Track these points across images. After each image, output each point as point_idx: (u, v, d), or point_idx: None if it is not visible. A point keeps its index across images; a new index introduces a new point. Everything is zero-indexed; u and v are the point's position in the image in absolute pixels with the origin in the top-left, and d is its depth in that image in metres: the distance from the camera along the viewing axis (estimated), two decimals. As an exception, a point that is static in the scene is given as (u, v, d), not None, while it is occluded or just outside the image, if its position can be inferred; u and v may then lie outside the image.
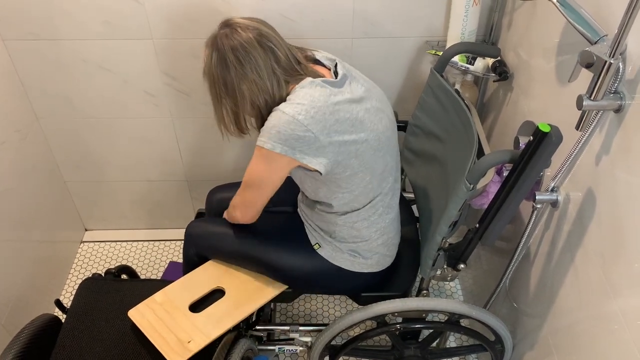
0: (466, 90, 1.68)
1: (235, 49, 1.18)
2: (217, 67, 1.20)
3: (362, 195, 1.30)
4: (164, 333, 1.35)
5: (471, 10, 1.52)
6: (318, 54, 1.32)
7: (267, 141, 1.17)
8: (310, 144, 1.16)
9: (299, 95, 1.18)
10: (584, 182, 1.12)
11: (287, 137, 1.15)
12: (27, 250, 1.84)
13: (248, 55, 1.18)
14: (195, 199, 2.16)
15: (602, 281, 1.06)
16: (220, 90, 1.23)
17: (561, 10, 1.08)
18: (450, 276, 1.41)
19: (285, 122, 1.15)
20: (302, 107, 1.15)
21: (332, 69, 1.28)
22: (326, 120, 1.16)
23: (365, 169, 1.25)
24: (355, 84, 1.26)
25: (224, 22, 1.23)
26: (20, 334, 1.38)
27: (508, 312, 1.53)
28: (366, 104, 1.24)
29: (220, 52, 1.19)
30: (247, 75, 1.19)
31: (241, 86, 1.20)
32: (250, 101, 1.22)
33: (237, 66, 1.19)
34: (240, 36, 1.19)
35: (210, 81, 1.24)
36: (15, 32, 1.65)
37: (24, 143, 1.80)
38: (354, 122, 1.20)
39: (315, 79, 1.20)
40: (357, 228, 1.35)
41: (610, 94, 0.97)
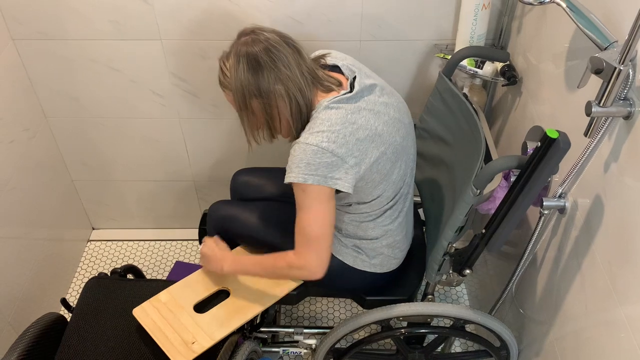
0: (474, 94, 1.67)
1: (267, 50, 1.17)
2: (247, 73, 1.18)
3: (376, 203, 1.30)
4: (168, 333, 1.35)
5: (480, 13, 1.51)
6: (339, 61, 1.31)
7: (298, 175, 1.16)
8: (339, 167, 1.17)
9: (316, 123, 1.18)
10: (592, 189, 1.11)
11: (316, 167, 1.15)
12: (34, 249, 1.85)
13: (279, 52, 1.18)
14: (201, 199, 2.17)
15: (609, 288, 1.05)
16: (251, 97, 1.20)
17: (571, 15, 1.07)
18: (456, 281, 1.41)
19: (311, 153, 1.15)
20: (323, 135, 1.16)
21: (349, 79, 1.26)
22: (347, 142, 1.17)
23: (384, 180, 1.26)
24: (373, 95, 1.25)
25: (242, 32, 1.22)
26: (26, 332, 1.39)
27: (514, 318, 1.53)
28: (384, 117, 1.24)
29: (249, 56, 1.17)
30: (282, 72, 1.18)
31: (276, 85, 1.18)
32: (287, 99, 1.20)
33: (270, 65, 1.17)
34: (266, 38, 1.19)
35: (237, 91, 1.21)
36: (25, 31, 1.66)
37: (32, 142, 1.81)
38: (374, 137, 1.21)
39: (330, 99, 1.20)
40: (363, 228, 1.35)
41: (619, 101, 0.96)
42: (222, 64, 1.23)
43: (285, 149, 1.96)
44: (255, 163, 1.97)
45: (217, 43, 1.68)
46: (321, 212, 1.20)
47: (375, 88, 1.26)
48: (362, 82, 1.24)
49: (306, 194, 1.18)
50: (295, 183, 1.18)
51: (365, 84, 1.24)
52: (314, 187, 1.17)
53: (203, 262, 1.43)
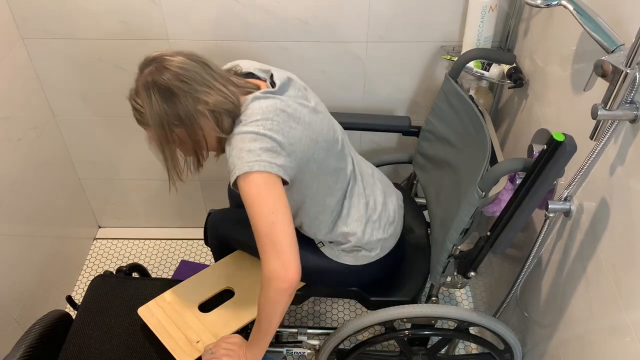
0: (481, 97, 1.67)
1: (176, 75, 1.11)
2: (163, 104, 1.12)
3: (328, 197, 1.29)
4: (173, 332, 1.35)
5: (487, 16, 1.51)
6: (251, 67, 1.29)
7: (242, 166, 1.09)
8: (279, 154, 1.13)
9: (247, 115, 1.14)
10: (597, 192, 1.11)
11: (259, 153, 1.10)
12: (40, 246, 1.86)
13: (189, 72, 1.12)
14: (207, 198, 2.18)
15: (614, 292, 1.04)
16: (171, 128, 1.14)
17: (578, 18, 1.07)
18: (460, 284, 1.40)
19: (249, 141, 1.11)
20: (258, 123, 1.12)
21: (267, 79, 1.25)
22: (282, 129, 1.14)
23: (321, 168, 1.24)
24: (293, 88, 1.23)
25: (144, 63, 1.16)
26: (32, 329, 1.40)
27: (518, 321, 1.52)
28: (308, 107, 1.23)
29: (160, 86, 1.11)
30: (198, 91, 1.12)
31: (197, 107, 1.12)
32: (211, 116, 1.14)
33: (184, 89, 1.11)
34: (171, 63, 1.13)
35: (156, 125, 1.14)
36: (34, 30, 1.67)
37: (40, 140, 1.83)
38: (305, 126, 1.19)
39: (255, 93, 1.17)
40: (340, 231, 1.34)
41: (626, 104, 0.96)
42: (134, 102, 1.17)
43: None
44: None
45: (224, 43, 1.69)
46: (268, 200, 1.10)
47: (292, 80, 1.25)
48: (280, 77, 1.22)
49: (252, 186, 1.10)
50: (240, 178, 1.10)
51: (283, 77, 1.22)
52: (258, 175, 1.10)
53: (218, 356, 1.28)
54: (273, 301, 1.14)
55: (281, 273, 1.10)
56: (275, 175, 1.11)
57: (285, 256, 1.10)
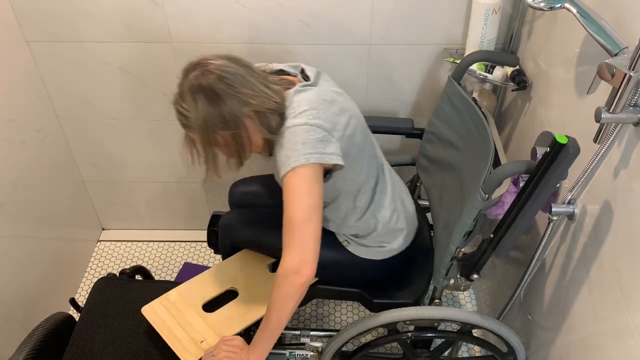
0: (484, 99, 1.67)
1: (220, 77, 1.14)
2: (209, 107, 1.15)
3: (364, 184, 1.31)
4: (177, 332, 1.35)
5: (491, 18, 1.51)
6: (280, 65, 1.33)
7: (298, 158, 1.13)
8: (330, 142, 1.17)
9: (294, 107, 1.18)
10: (601, 195, 1.10)
11: (314, 144, 1.14)
12: (44, 248, 1.86)
13: (233, 75, 1.15)
14: (210, 200, 2.18)
15: (617, 296, 1.04)
16: (216, 130, 1.17)
17: (581, 21, 1.07)
18: (463, 286, 1.40)
19: (302, 132, 1.15)
20: (306, 113, 1.16)
21: (298, 74, 1.30)
22: (328, 117, 1.19)
23: (359, 154, 1.28)
24: (323, 80, 1.29)
25: (188, 68, 1.19)
26: (35, 331, 1.40)
27: (522, 324, 1.52)
28: (342, 95, 1.29)
29: (205, 89, 1.14)
30: (243, 93, 1.16)
31: (242, 109, 1.16)
32: (256, 118, 1.18)
33: (230, 92, 1.14)
34: (215, 66, 1.16)
35: (201, 128, 1.17)
36: (38, 33, 1.68)
37: (44, 142, 1.83)
38: (343, 111, 1.24)
39: (296, 87, 1.22)
40: (368, 218, 1.36)
41: (629, 107, 0.95)
42: (179, 107, 1.19)
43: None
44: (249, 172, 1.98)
45: (227, 46, 1.69)
46: (311, 193, 1.14)
47: (321, 74, 1.31)
48: (311, 70, 1.29)
49: (300, 178, 1.13)
50: (290, 172, 1.13)
51: (314, 70, 1.29)
52: (310, 168, 1.13)
53: None
54: (287, 295, 1.16)
55: (300, 268, 1.14)
56: (321, 168, 1.16)
57: (308, 254, 1.14)
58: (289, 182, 1.15)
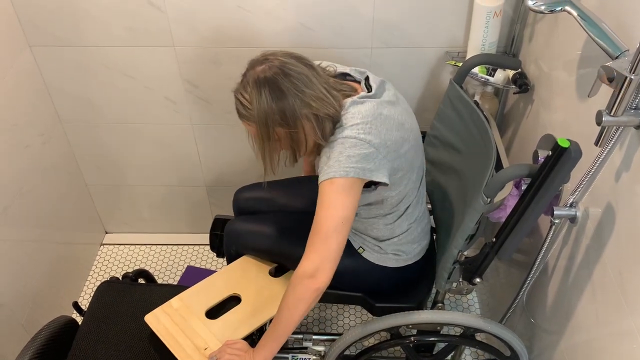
0: (486, 102, 1.67)
1: (286, 74, 1.15)
2: (272, 102, 1.15)
3: (409, 194, 1.31)
4: (180, 339, 1.35)
5: (492, 21, 1.51)
6: (346, 68, 1.32)
7: (339, 170, 1.14)
8: (375, 158, 1.17)
9: (347, 118, 1.18)
10: (603, 198, 1.10)
11: (357, 159, 1.14)
12: (48, 251, 1.87)
13: (299, 74, 1.16)
14: (213, 204, 2.18)
15: (620, 299, 1.04)
16: (274, 126, 1.18)
17: (582, 24, 1.06)
18: (466, 290, 1.40)
19: (350, 146, 1.15)
20: (358, 127, 1.16)
21: (362, 81, 1.28)
22: (379, 131, 1.18)
23: (411, 168, 1.27)
24: (387, 91, 1.28)
25: (255, 60, 1.20)
26: (38, 335, 1.41)
27: (525, 327, 1.51)
28: (400, 108, 1.27)
29: (272, 84, 1.15)
30: (306, 94, 1.16)
31: (303, 110, 1.16)
32: (314, 120, 1.18)
33: (293, 90, 1.15)
34: (281, 62, 1.16)
35: (261, 122, 1.17)
36: (41, 38, 1.69)
37: (47, 146, 1.84)
38: (399, 126, 1.22)
39: (354, 97, 1.21)
40: (397, 224, 1.36)
41: (630, 110, 0.95)
42: (240, 96, 1.20)
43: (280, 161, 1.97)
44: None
45: (230, 50, 1.69)
46: (345, 206, 1.16)
47: (387, 84, 1.29)
48: (376, 80, 1.27)
49: (338, 188, 1.15)
50: (327, 180, 1.15)
51: (378, 80, 1.27)
52: (349, 180, 1.15)
53: None
54: (300, 297, 1.18)
55: (317, 273, 1.16)
56: (361, 181, 1.16)
57: (328, 263, 1.16)
58: (324, 190, 1.16)
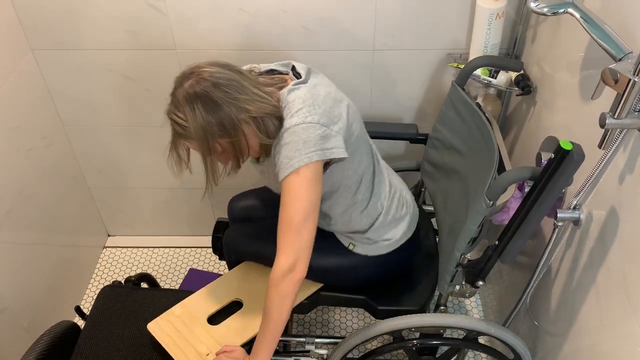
0: (488, 104, 1.66)
1: (216, 85, 1.13)
2: (207, 115, 1.13)
3: (367, 169, 1.31)
4: (183, 346, 1.35)
5: (494, 23, 1.51)
6: (270, 65, 1.32)
7: (301, 159, 1.13)
8: (330, 136, 1.17)
9: (289, 107, 1.18)
10: (607, 201, 1.10)
11: (315, 142, 1.14)
12: (50, 255, 1.87)
13: (228, 82, 1.14)
14: (215, 206, 2.18)
15: (624, 302, 1.03)
16: (214, 138, 1.16)
17: (585, 26, 1.06)
18: (468, 293, 1.39)
19: (303, 132, 1.14)
20: (302, 111, 1.16)
21: (289, 72, 1.28)
22: (324, 110, 1.18)
23: (358, 140, 1.27)
24: (314, 75, 1.27)
25: (182, 77, 1.18)
26: (40, 339, 1.40)
27: (528, 330, 1.51)
28: (332, 86, 1.28)
29: (203, 97, 1.13)
30: (239, 99, 1.14)
31: (240, 115, 1.15)
32: (253, 123, 1.17)
33: (226, 99, 1.13)
34: (209, 73, 1.15)
35: (200, 137, 1.15)
36: (43, 41, 1.69)
37: (50, 149, 1.84)
38: (337, 102, 1.23)
39: (288, 86, 1.21)
40: (371, 206, 1.36)
41: (634, 113, 0.95)
42: (174, 116, 1.17)
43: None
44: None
45: (231, 53, 1.69)
46: (312, 194, 1.15)
47: (311, 70, 1.29)
48: (302, 67, 1.27)
49: (303, 178, 1.14)
50: (292, 173, 1.13)
51: (304, 67, 1.27)
52: (312, 167, 1.14)
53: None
54: (285, 293, 1.18)
55: (295, 266, 1.16)
56: (321, 165, 1.16)
57: (304, 252, 1.16)
58: (290, 183, 1.15)
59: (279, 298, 1.19)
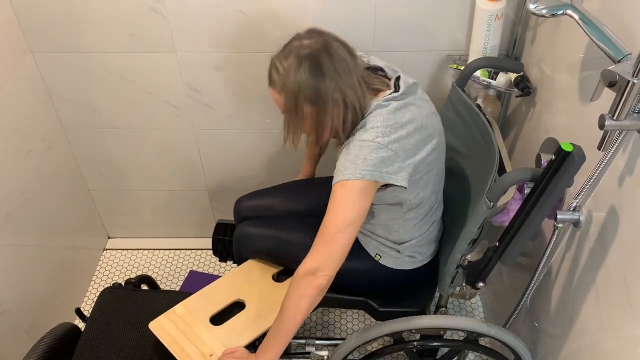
0: (488, 105, 1.66)
1: (330, 55, 1.16)
2: (308, 77, 1.15)
3: (429, 197, 1.31)
4: (186, 346, 1.35)
5: (494, 24, 1.51)
6: (381, 63, 1.32)
7: (354, 173, 1.14)
8: (394, 162, 1.17)
9: (369, 119, 1.18)
10: (606, 202, 1.10)
11: (375, 162, 1.14)
12: (50, 257, 1.87)
13: (341, 59, 1.17)
14: (215, 208, 2.18)
15: (624, 303, 1.03)
16: (303, 101, 1.18)
17: (584, 28, 1.06)
18: (469, 294, 1.39)
19: (368, 149, 1.15)
20: (377, 130, 1.16)
21: (393, 79, 1.27)
22: (399, 135, 1.17)
23: (430, 171, 1.27)
24: (416, 94, 1.27)
25: (302, 34, 1.21)
26: (41, 342, 1.40)
27: (529, 331, 1.51)
28: (425, 111, 1.26)
29: (314, 60, 1.15)
30: (342, 79, 1.16)
31: (335, 93, 1.16)
32: (342, 107, 1.18)
33: (332, 72, 1.16)
34: (327, 42, 1.17)
35: (291, 93, 1.17)
36: (43, 44, 1.69)
37: (50, 152, 1.84)
38: (421, 129, 1.21)
39: (379, 100, 1.20)
40: (419, 226, 1.35)
41: (634, 114, 0.95)
42: (278, 63, 1.19)
43: (282, 166, 1.96)
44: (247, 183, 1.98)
45: (231, 55, 1.69)
46: (354, 209, 1.16)
47: (417, 87, 1.29)
48: (406, 81, 1.26)
49: (349, 191, 1.15)
50: (340, 182, 1.15)
51: (409, 82, 1.26)
52: (362, 183, 1.15)
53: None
54: (302, 295, 1.19)
55: (318, 272, 1.17)
56: (375, 184, 1.16)
57: (330, 263, 1.17)
58: (336, 191, 1.17)
59: (296, 297, 1.20)
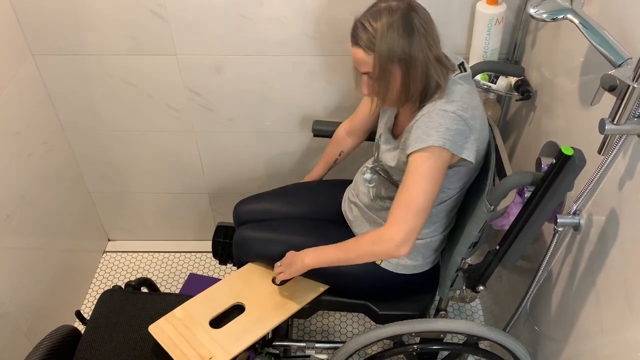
0: (489, 109, 1.66)
1: (419, 15, 1.16)
2: (400, 38, 1.15)
3: (454, 197, 1.31)
4: (185, 349, 1.35)
5: (494, 28, 1.51)
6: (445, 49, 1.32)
7: (438, 139, 1.14)
8: (468, 137, 1.18)
9: (448, 93, 1.19)
10: (606, 206, 1.10)
11: (454, 133, 1.15)
12: (51, 260, 1.87)
13: (430, 23, 1.18)
14: (215, 211, 2.18)
15: (624, 307, 1.03)
16: (394, 63, 1.17)
17: (584, 32, 1.06)
18: (469, 297, 1.40)
19: (450, 119, 1.15)
20: (458, 104, 1.17)
21: (456, 66, 1.28)
22: (474, 115, 1.19)
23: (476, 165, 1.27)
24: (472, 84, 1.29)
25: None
26: (40, 344, 1.40)
27: (529, 335, 1.51)
28: None
29: (405, 19, 1.15)
30: (430, 42, 1.17)
31: (421, 52, 1.16)
32: (427, 72, 1.18)
33: (423, 34, 1.16)
34: (419, 7, 1.18)
35: (382, 54, 1.16)
36: (44, 46, 1.69)
37: (50, 154, 1.84)
38: (483, 118, 1.25)
39: (455, 77, 1.22)
40: (433, 229, 1.36)
41: (634, 118, 0.95)
42: (368, 24, 1.17)
43: (282, 168, 1.96)
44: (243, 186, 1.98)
45: (231, 58, 1.70)
46: (434, 184, 1.17)
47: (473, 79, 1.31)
48: (469, 68, 1.28)
49: (436, 161, 1.15)
50: (421, 150, 1.15)
51: (470, 71, 1.28)
52: (442, 154, 1.15)
53: (285, 264, 1.38)
54: (375, 253, 1.25)
55: (402, 246, 1.18)
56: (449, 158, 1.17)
57: (413, 236, 1.18)
58: (422, 160, 1.16)
59: (370, 253, 1.25)
